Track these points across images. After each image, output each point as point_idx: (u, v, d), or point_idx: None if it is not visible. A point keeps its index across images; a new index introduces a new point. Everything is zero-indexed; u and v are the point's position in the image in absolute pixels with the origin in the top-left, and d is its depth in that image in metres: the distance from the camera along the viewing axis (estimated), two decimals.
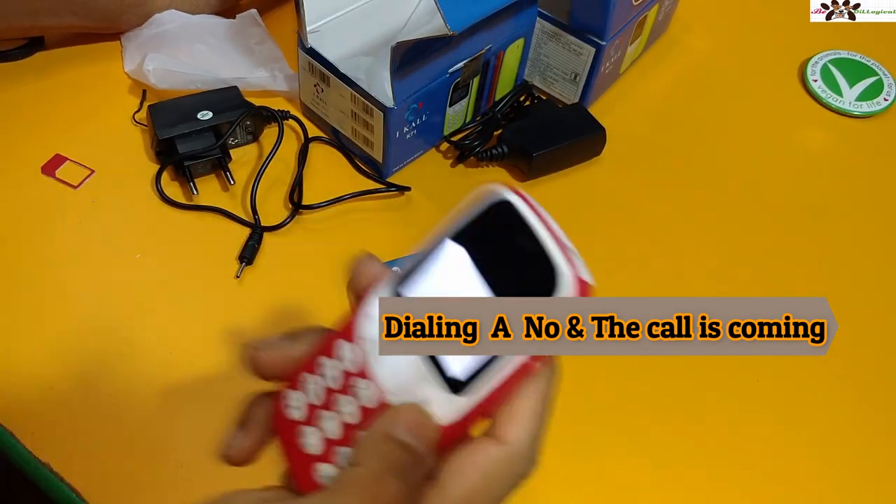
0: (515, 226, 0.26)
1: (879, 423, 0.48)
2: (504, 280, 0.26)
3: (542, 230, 0.26)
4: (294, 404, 0.28)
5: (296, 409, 0.28)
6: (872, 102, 0.66)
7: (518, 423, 0.26)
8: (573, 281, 0.25)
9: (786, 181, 0.60)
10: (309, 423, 0.27)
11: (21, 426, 0.42)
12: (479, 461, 0.26)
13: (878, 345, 0.51)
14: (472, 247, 0.27)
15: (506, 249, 0.27)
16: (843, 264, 0.55)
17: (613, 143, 0.59)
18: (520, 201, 0.27)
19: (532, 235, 0.26)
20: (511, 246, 0.26)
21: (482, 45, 0.54)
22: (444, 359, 0.26)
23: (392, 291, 0.27)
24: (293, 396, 0.28)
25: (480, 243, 0.27)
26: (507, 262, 0.26)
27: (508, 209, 0.27)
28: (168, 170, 0.54)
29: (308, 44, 0.53)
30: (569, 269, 0.25)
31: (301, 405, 0.28)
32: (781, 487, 0.44)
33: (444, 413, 0.25)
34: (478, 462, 0.26)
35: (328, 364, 0.27)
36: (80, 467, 0.41)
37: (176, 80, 0.56)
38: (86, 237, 0.51)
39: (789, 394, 0.48)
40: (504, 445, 0.26)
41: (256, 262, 0.51)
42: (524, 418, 0.26)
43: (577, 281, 0.25)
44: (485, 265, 0.26)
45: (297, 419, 0.27)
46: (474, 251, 0.27)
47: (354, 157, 0.57)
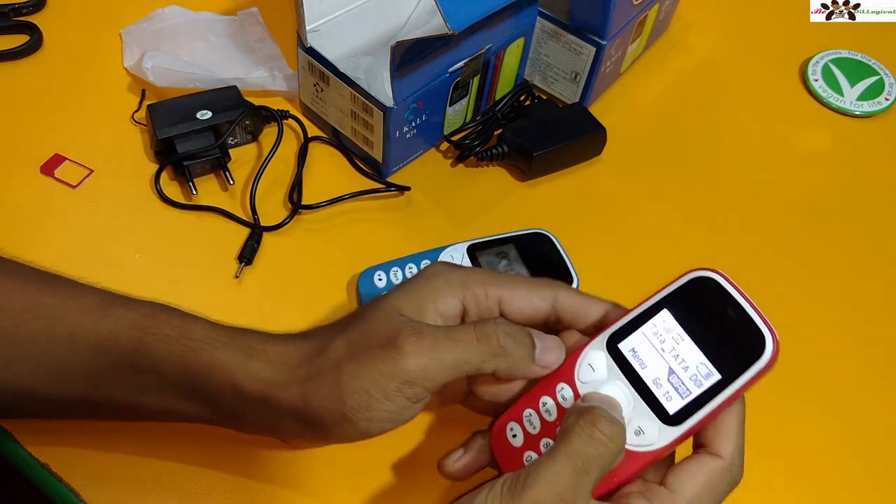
0: (718, 297, 0.33)
1: (879, 422, 0.48)
2: (712, 339, 0.33)
3: (744, 301, 0.33)
4: (516, 433, 0.35)
5: (517, 437, 0.35)
6: (873, 102, 0.66)
7: (729, 440, 0.33)
8: (773, 343, 0.32)
9: (786, 181, 0.60)
10: (527, 449, 0.35)
11: (21, 426, 0.41)
12: (704, 471, 0.33)
13: (879, 345, 0.51)
14: (677, 311, 0.34)
15: (710, 315, 0.34)
16: (843, 264, 0.55)
17: (613, 143, 0.59)
18: (721, 278, 0.34)
19: (738, 306, 0.33)
20: (715, 313, 0.33)
21: (482, 44, 0.54)
22: (660, 396, 0.33)
23: (604, 347, 0.35)
24: (515, 427, 0.35)
25: (686, 309, 0.34)
26: (712, 325, 0.33)
27: (712, 283, 0.34)
28: (167, 169, 0.54)
29: (308, 43, 0.53)
30: (769, 333, 0.32)
31: (520, 434, 0.35)
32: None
33: (658, 439, 0.33)
34: (703, 472, 0.33)
35: (548, 402, 0.35)
36: (79, 467, 0.40)
37: (174, 78, 0.56)
38: (85, 237, 0.51)
39: (787, 395, 0.48)
40: (721, 459, 0.33)
41: (256, 262, 0.50)
42: (733, 436, 0.33)
43: (775, 343, 0.32)
44: (691, 327, 0.34)
45: (516, 446, 0.35)
46: (680, 315, 0.34)
47: (354, 157, 0.57)
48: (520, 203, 0.56)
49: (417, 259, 0.49)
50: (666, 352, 0.34)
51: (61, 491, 0.40)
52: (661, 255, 0.54)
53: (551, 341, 0.36)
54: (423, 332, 0.33)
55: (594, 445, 0.31)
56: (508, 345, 0.34)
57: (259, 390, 0.34)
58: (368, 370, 0.33)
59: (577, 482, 0.31)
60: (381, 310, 0.35)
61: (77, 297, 0.37)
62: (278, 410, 0.35)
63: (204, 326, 0.36)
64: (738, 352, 0.32)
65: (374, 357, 0.33)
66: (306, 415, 0.34)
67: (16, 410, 0.39)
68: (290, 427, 0.35)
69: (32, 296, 0.37)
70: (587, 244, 0.53)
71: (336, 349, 0.34)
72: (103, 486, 0.40)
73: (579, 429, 0.32)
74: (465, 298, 0.36)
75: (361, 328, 0.35)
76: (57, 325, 0.36)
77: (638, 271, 0.53)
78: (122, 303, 0.37)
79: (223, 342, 0.36)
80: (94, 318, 0.36)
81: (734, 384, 0.32)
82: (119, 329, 0.36)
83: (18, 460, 0.41)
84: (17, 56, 0.60)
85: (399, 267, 0.49)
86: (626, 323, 0.35)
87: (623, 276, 0.52)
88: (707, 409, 0.32)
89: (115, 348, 0.36)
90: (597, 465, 0.31)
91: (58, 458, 0.41)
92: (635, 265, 0.54)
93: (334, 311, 0.49)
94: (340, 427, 0.34)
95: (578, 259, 0.50)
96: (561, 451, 0.31)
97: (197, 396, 0.36)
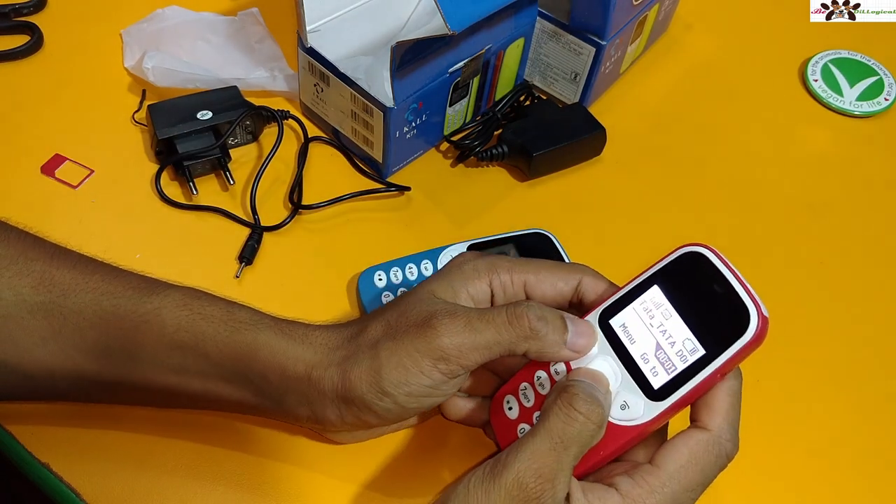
0: (707, 272, 0.34)
1: (879, 422, 0.48)
2: (698, 314, 0.34)
3: (731, 276, 0.33)
4: (511, 406, 0.36)
5: (512, 409, 0.36)
6: (873, 102, 0.66)
7: (717, 413, 0.33)
8: (759, 318, 0.32)
9: (786, 181, 0.60)
10: (522, 422, 0.36)
11: (21, 426, 0.41)
12: (689, 444, 0.33)
13: (879, 345, 0.51)
14: (666, 286, 0.35)
15: (698, 290, 0.34)
16: (843, 264, 0.55)
17: (613, 143, 0.59)
18: (710, 253, 0.34)
19: (723, 280, 0.33)
20: (703, 288, 0.34)
21: (482, 44, 0.54)
22: (646, 371, 0.33)
23: (596, 322, 0.36)
24: (511, 400, 0.37)
25: (675, 284, 0.35)
26: (699, 301, 0.34)
27: (701, 258, 0.34)
28: (168, 170, 0.54)
29: (308, 43, 0.53)
30: (755, 307, 0.32)
31: (515, 406, 0.36)
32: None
33: (643, 414, 0.33)
34: (687, 444, 0.33)
35: (542, 375, 0.36)
36: (80, 467, 0.40)
37: (175, 78, 0.56)
38: (85, 237, 0.51)
39: (787, 395, 0.48)
40: (708, 432, 0.33)
41: (256, 262, 0.50)
42: (722, 410, 0.33)
43: (761, 318, 0.32)
44: (679, 302, 0.34)
45: (512, 418, 0.36)
46: (669, 290, 0.35)
47: (354, 157, 0.57)
48: (520, 203, 0.56)
49: (417, 259, 0.49)
50: (654, 327, 0.34)
51: (61, 490, 0.40)
52: (661, 254, 0.54)
53: (584, 326, 0.36)
54: (456, 312, 0.35)
55: (571, 423, 0.32)
56: (541, 328, 0.35)
57: (302, 371, 0.36)
58: (405, 346, 0.34)
59: (557, 458, 0.31)
60: (417, 294, 0.37)
61: (125, 277, 0.38)
62: (320, 392, 0.35)
63: (248, 310, 0.38)
64: (724, 327, 0.33)
65: (410, 335, 0.34)
66: (346, 393, 0.35)
67: (54, 390, 0.39)
68: (331, 412, 0.36)
69: (81, 273, 0.37)
70: (587, 244, 0.53)
71: (374, 329, 0.36)
72: (103, 486, 0.40)
73: (557, 408, 0.33)
74: (493, 283, 0.37)
75: (399, 310, 0.36)
76: (103, 299, 0.37)
77: (638, 271, 0.53)
78: (168, 284, 0.38)
79: (267, 324, 0.37)
80: (140, 294, 0.37)
81: (718, 359, 0.32)
82: (165, 306, 0.37)
83: (18, 460, 0.41)
84: (17, 56, 0.60)
85: (399, 267, 0.49)
86: (617, 299, 0.36)
87: (623, 276, 0.52)
88: (691, 384, 0.32)
89: (160, 325, 0.36)
90: (575, 442, 0.32)
91: (58, 457, 0.41)
92: (635, 265, 0.53)
93: (334, 311, 0.49)
94: (381, 402, 0.35)
95: (578, 259, 0.50)
96: (540, 429, 0.32)
97: (239, 379, 0.37)
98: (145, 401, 0.40)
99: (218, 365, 0.37)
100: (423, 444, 0.43)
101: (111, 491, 0.40)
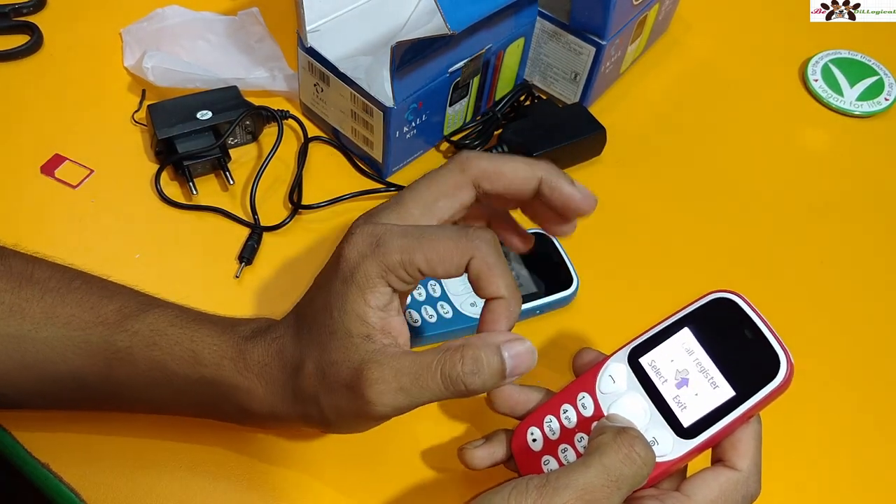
0: (737, 317, 0.35)
1: (878, 421, 0.48)
2: (729, 357, 0.34)
3: (761, 322, 0.34)
4: (536, 438, 0.36)
5: (536, 441, 0.36)
6: (873, 102, 0.66)
7: (746, 456, 0.34)
8: (788, 365, 0.33)
9: (786, 181, 0.60)
10: (546, 454, 0.36)
11: (21, 426, 0.41)
12: (719, 480, 0.34)
13: (879, 345, 0.51)
14: (697, 329, 0.35)
15: (728, 335, 0.35)
16: (843, 264, 0.55)
17: (613, 143, 0.59)
18: (740, 300, 0.35)
19: (755, 327, 0.34)
20: (733, 332, 0.35)
21: (482, 44, 0.54)
22: (676, 409, 0.34)
23: (626, 360, 0.36)
24: (535, 432, 0.36)
25: (706, 327, 0.35)
26: (729, 345, 0.35)
27: (731, 304, 0.35)
28: (167, 169, 0.54)
29: (308, 43, 0.53)
30: (784, 354, 0.33)
31: (540, 438, 0.36)
32: None
33: (672, 451, 0.34)
34: (717, 480, 0.34)
35: (569, 409, 0.36)
36: (80, 467, 0.40)
37: (174, 78, 0.56)
38: (85, 237, 0.51)
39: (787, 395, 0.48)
40: (737, 472, 0.34)
41: (256, 261, 0.50)
42: (749, 451, 0.34)
43: (789, 365, 0.33)
44: (710, 345, 0.35)
45: (536, 450, 0.36)
46: (700, 333, 0.35)
47: (354, 157, 0.57)
48: None
49: None
50: (684, 367, 0.35)
51: (61, 490, 0.40)
52: (661, 254, 0.54)
53: (521, 348, 0.34)
54: (385, 376, 0.32)
55: (629, 465, 0.32)
56: (477, 384, 0.33)
57: (268, 411, 0.37)
58: (343, 409, 0.34)
59: (609, 496, 0.31)
60: (340, 336, 0.34)
61: (96, 306, 0.38)
62: (287, 422, 0.38)
63: (211, 347, 0.37)
64: (754, 371, 0.34)
65: (345, 397, 0.34)
66: (310, 426, 0.38)
67: (24, 405, 0.41)
68: (306, 424, 0.38)
69: (51, 306, 0.38)
70: (587, 244, 0.53)
71: (309, 376, 0.35)
72: (103, 486, 0.40)
73: (617, 446, 0.32)
74: (391, 281, 0.34)
75: (328, 356, 0.34)
76: (74, 334, 0.37)
77: (638, 271, 0.53)
78: (139, 313, 0.38)
79: (228, 366, 0.37)
80: (110, 332, 0.38)
81: (748, 402, 0.33)
82: (134, 345, 0.37)
83: (18, 460, 0.41)
84: (17, 56, 0.60)
85: None
86: (647, 338, 0.36)
87: (623, 276, 0.53)
88: (720, 424, 0.33)
89: (133, 363, 0.37)
90: (628, 483, 0.32)
91: (58, 458, 0.41)
92: (635, 265, 0.54)
93: None
94: (337, 429, 0.37)
95: (578, 259, 0.50)
96: (595, 462, 0.32)
97: (216, 411, 0.39)
98: (124, 411, 0.42)
99: (192, 399, 0.38)
100: (428, 455, 0.43)
101: (111, 491, 0.40)
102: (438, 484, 0.42)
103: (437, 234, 0.34)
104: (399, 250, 0.33)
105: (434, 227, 0.35)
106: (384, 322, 0.34)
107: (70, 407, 0.41)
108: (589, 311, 0.50)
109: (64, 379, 0.38)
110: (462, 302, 0.47)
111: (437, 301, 0.47)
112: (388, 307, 0.34)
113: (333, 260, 0.36)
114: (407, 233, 0.34)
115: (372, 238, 0.34)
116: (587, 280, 0.50)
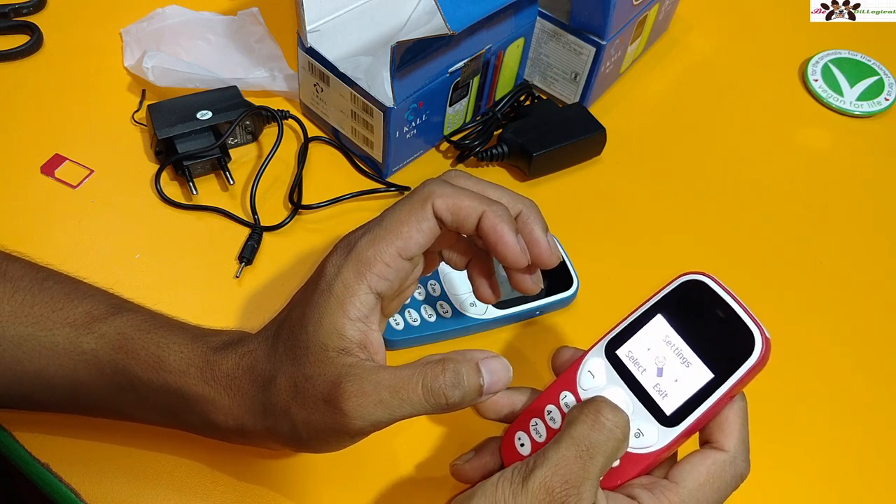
0: (708, 298, 0.34)
1: (878, 421, 0.48)
2: (704, 340, 0.34)
3: (732, 301, 0.34)
4: (524, 442, 0.36)
5: (524, 445, 0.36)
6: (873, 102, 0.66)
7: (732, 435, 0.34)
8: (763, 340, 0.33)
9: (786, 181, 0.60)
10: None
11: (21, 426, 0.42)
12: (706, 463, 0.34)
13: (879, 344, 0.51)
14: (670, 314, 0.35)
15: (701, 317, 0.34)
16: (843, 264, 0.55)
17: (613, 143, 0.59)
18: (710, 280, 0.35)
19: (727, 306, 0.34)
20: (706, 314, 0.34)
21: (482, 44, 0.54)
22: (657, 398, 0.34)
23: (603, 354, 0.36)
24: (522, 437, 0.36)
25: (678, 312, 0.35)
26: (703, 327, 0.34)
27: (701, 286, 0.35)
28: (167, 169, 0.54)
29: (308, 43, 0.53)
30: (758, 330, 0.33)
31: (527, 442, 0.36)
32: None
33: (657, 441, 0.34)
34: (705, 464, 0.34)
35: (552, 410, 0.36)
36: (80, 468, 0.41)
37: (174, 78, 0.56)
38: (85, 237, 0.51)
39: (787, 395, 0.48)
40: (724, 452, 0.34)
41: (256, 261, 0.50)
42: (735, 431, 0.34)
43: (765, 340, 0.33)
44: (684, 329, 0.35)
45: (524, 454, 0.36)
46: (673, 318, 0.35)
47: (354, 157, 0.57)
48: None
49: None
50: (661, 355, 0.35)
51: (61, 490, 0.40)
52: (662, 254, 0.54)
53: (497, 365, 0.34)
54: (364, 389, 0.32)
55: (598, 430, 0.32)
56: (457, 398, 0.33)
57: (234, 425, 0.36)
58: (317, 424, 0.33)
59: (583, 466, 0.31)
60: (315, 350, 0.34)
61: (66, 307, 0.38)
62: (254, 438, 0.37)
63: (178, 354, 0.37)
64: (730, 351, 0.33)
65: (319, 410, 0.33)
66: (278, 444, 0.37)
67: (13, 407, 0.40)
68: (274, 440, 0.37)
69: (20, 305, 0.38)
70: (587, 244, 0.53)
71: (282, 390, 0.34)
72: (103, 486, 0.40)
73: (584, 415, 0.32)
74: (371, 281, 0.34)
75: (303, 370, 0.34)
76: (42, 334, 0.37)
77: (638, 271, 0.53)
78: (108, 316, 0.38)
79: (195, 374, 0.36)
80: (77, 333, 0.37)
81: (727, 382, 0.33)
82: (101, 348, 0.37)
83: (18, 460, 0.41)
84: (17, 56, 0.60)
85: None
86: (622, 329, 0.36)
87: (623, 275, 0.52)
88: (702, 408, 0.33)
89: (98, 366, 0.37)
90: (601, 450, 0.32)
91: (58, 457, 0.41)
92: (635, 265, 0.54)
93: None
94: (308, 446, 0.36)
95: (578, 259, 0.50)
96: (566, 436, 0.32)
97: (180, 422, 0.38)
98: (96, 416, 0.41)
99: (156, 406, 0.38)
100: (428, 462, 0.43)
101: (111, 491, 0.40)
102: (420, 494, 0.42)
103: (398, 220, 0.35)
104: (369, 245, 0.34)
105: (394, 217, 0.35)
106: (363, 336, 0.34)
107: (38, 408, 0.40)
108: (589, 312, 0.50)
109: (31, 379, 0.37)
110: (462, 302, 0.47)
111: (436, 301, 0.47)
112: (369, 319, 0.34)
113: (314, 277, 0.36)
114: (373, 230, 0.35)
115: (346, 248, 0.35)
116: (587, 280, 0.50)
